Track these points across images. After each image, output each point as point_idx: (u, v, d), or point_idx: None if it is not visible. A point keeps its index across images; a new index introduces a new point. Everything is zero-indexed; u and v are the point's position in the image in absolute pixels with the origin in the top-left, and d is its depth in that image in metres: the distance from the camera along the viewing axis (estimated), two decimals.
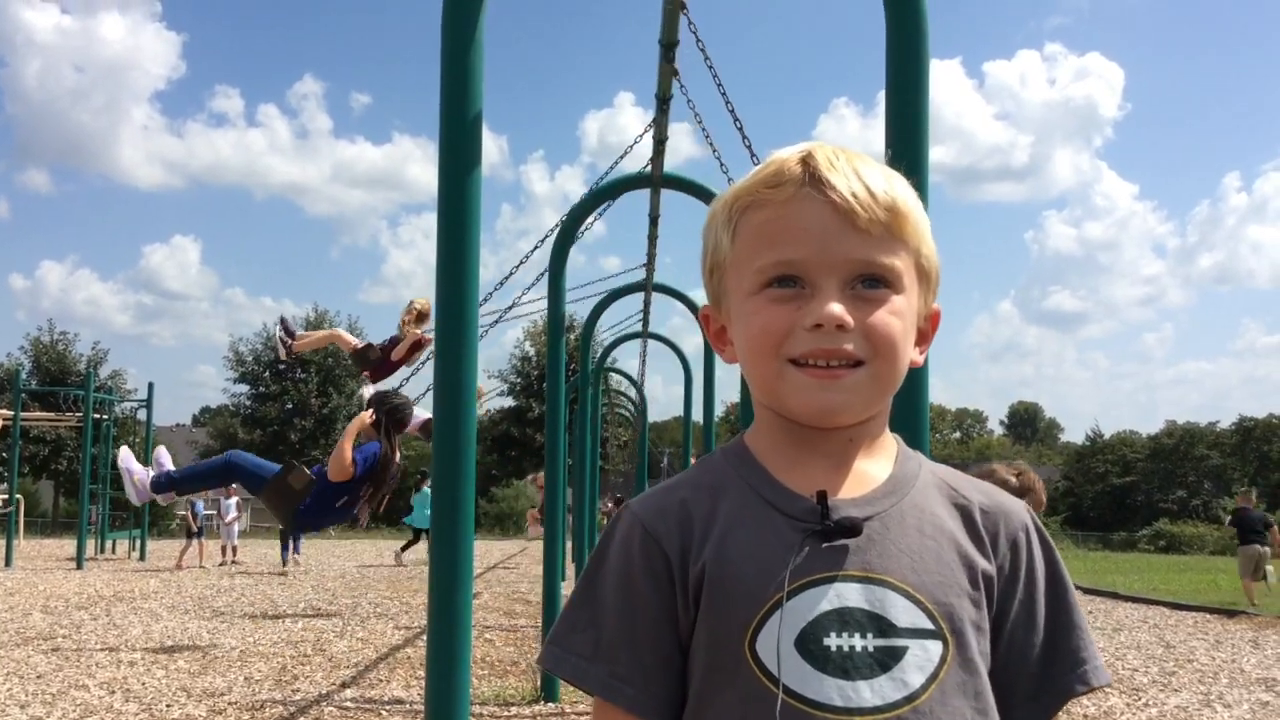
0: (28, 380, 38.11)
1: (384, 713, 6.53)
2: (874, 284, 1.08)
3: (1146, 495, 57.78)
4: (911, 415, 2.60)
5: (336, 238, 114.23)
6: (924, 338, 1.16)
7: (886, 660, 1.03)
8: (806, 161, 1.09)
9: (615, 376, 21.51)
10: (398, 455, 7.82)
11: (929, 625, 1.05)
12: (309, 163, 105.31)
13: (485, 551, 20.66)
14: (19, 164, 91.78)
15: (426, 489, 19.76)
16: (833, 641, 1.03)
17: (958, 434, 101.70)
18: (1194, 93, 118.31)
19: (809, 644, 1.03)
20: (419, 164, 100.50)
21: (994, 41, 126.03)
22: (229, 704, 6.76)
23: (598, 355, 16.24)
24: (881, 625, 1.04)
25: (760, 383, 1.11)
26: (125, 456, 7.91)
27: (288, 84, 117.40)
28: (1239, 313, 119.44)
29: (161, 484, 7.67)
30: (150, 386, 22.74)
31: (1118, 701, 7.15)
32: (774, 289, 1.08)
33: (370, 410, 7.74)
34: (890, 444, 1.16)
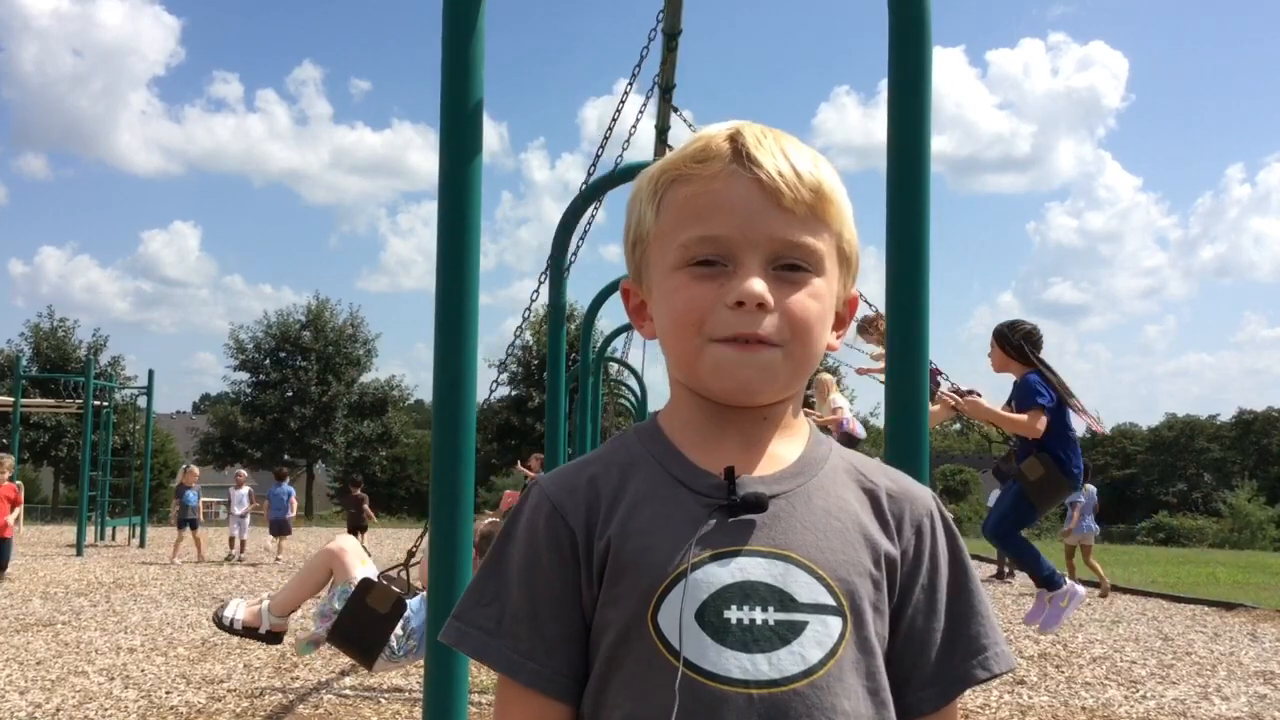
0: (28, 367, 38.13)
1: (383, 701, 6.55)
2: (796, 266, 1.09)
3: (1146, 488, 57.85)
4: (911, 407, 2.59)
5: (335, 225, 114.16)
6: (841, 322, 1.18)
7: (787, 634, 1.04)
8: (734, 139, 1.10)
9: (616, 366, 21.47)
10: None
11: (830, 601, 1.06)
12: (308, 149, 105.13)
13: None
14: (16, 149, 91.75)
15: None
16: (734, 614, 1.04)
17: (957, 425, 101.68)
18: (1198, 83, 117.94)
19: (710, 616, 1.04)
20: (419, 151, 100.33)
21: (997, 30, 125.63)
22: (228, 691, 6.77)
23: (598, 344, 16.23)
24: (783, 599, 1.05)
25: (679, 359, 1.12)
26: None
27: (287, 69, 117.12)
28: (1241, 305, 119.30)
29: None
30: (150, 374, 22.75)
31: (1116, 694, 7.17)
32: (697, 267, 1.08)
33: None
34: (803, 428, 1.18)
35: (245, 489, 18.84)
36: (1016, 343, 6.14)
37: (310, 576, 5.87)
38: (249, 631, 5.63)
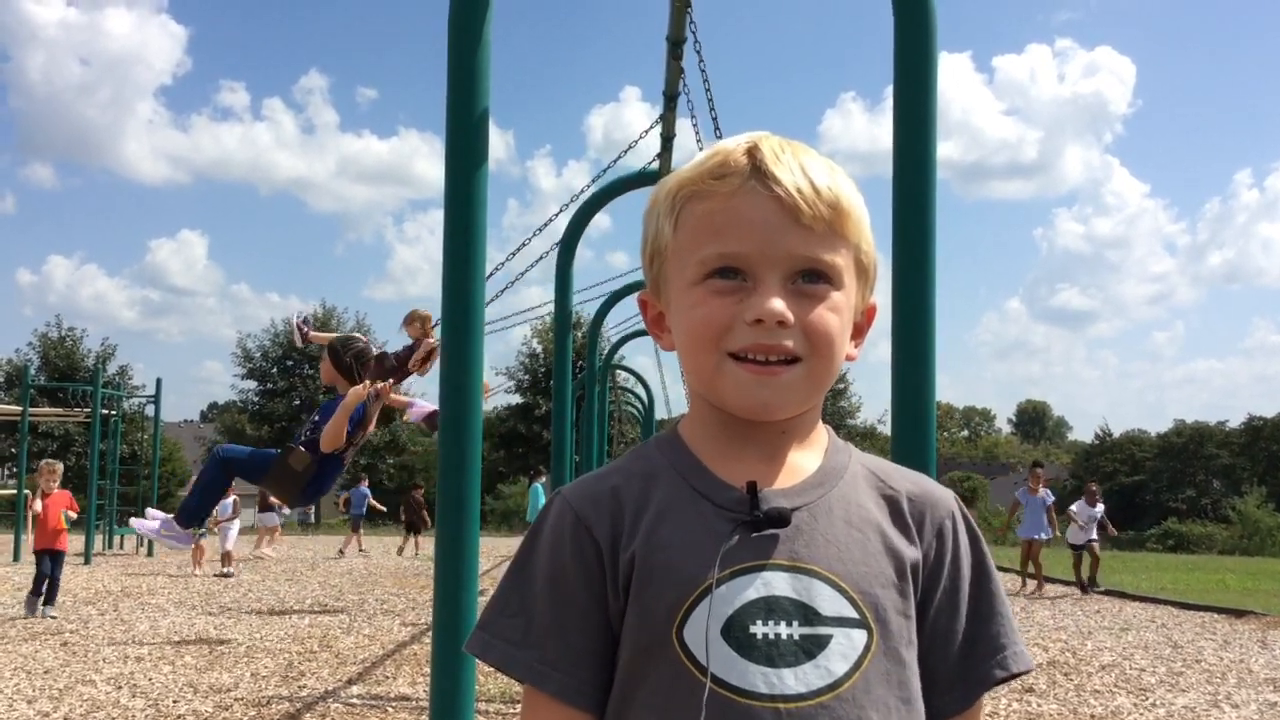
0: (36, 376, 38.24)
1: (390, 709, 6.54)
2: (814, 279, 1.08)
3: (1155, 494, 57.63)
4: (919, 413, 2.59)
5: (342, 234, 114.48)
6: (859, 332, 1.17)
7: (811, 648, 1.04)
8: (752, 154, 1.09)
9: (622, 373, 21.46)
10: (369, 390, 7.90)
11: (854, 614, 1.06)
12: (315, 158, 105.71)
13: (491, 548, 20.77)
14: (23, 158, 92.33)
15: (539, 485, 19.50)
16: (759, 629, 1.04)
17: (965, 432, 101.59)
18: (1206, 88, 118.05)
19: (735, 631, 1.04)
20: (426, 159, 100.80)
21: (1003, 35, 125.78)
22: (235, 700, 6.77)
23: (605, 352, 16.23)
24: (807, 613, 1.05)
25: (698, 374, 1.12)
26: (139, 524, 7.70)
27: (293, 78, 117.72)
28: (1249, 311, 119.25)
29: (182, 518, 7.43)
30: (158, 382, 22.79)
31: (1125, 701, 7.13)
32: (716, 280, 1.08)
33: (366, 384, 7.77)
34: (822, 436, 1.18)
35: (232, 498, 17.54)
36: (348, 362, 7.76)
37: None
38: None
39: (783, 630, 1.04)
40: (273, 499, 20.54)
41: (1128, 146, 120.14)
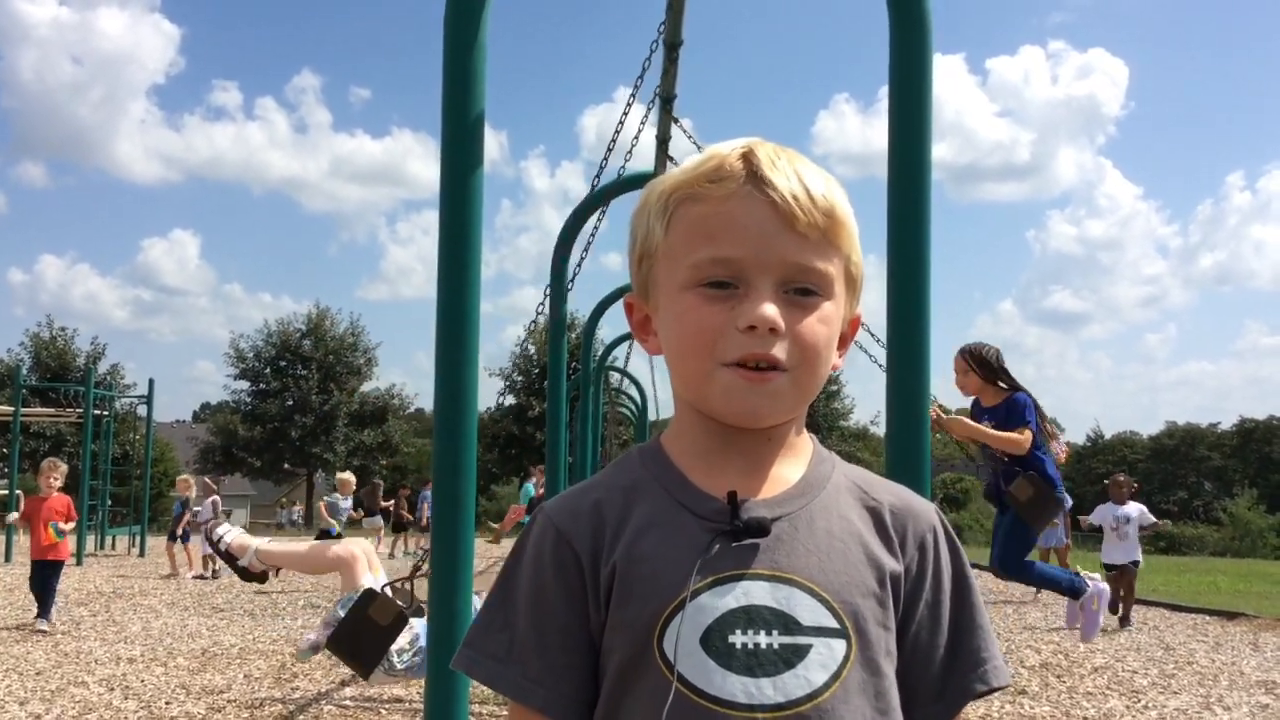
0: (28, 376, 38.12)
1: (383, 711, 6.53)
2: (807, 290, 1.09)
3: (1147, 496, 57.71)
4: (913, 415, 2.59)
5: (335, 234, 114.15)
6: (844, 342, 1.18)
7: (791, 658, 1.04)
8: (748, 158, 1.10)
9: (616, 375, 21.45)
10: None
11: (833, 624, 1.07)
12: (308, 158, 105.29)
13: (486, 549, 20.76)
14: (15, 157, 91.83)
15: (530, 484, 19.62)
16: (738, 639, 1.04)
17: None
18: (1198, 90, 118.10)
19: (715, 641, 1.04)
20: (419, 159, 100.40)
21: (997, 37, 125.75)
22: (228, 702, 6.76)
23: (599, 354, 16.22)
24: (787, 623, 1.05)
25: (687, 381, 1.12)
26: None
27: (286, 78, 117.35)
28: (1241, 313, 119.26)
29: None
30: (150, 382, 22.74)
31: (1117, 704, 7.15)
32: (708, 288, 1.08)
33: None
34: (806, 446, 1.18)
35: (212, 499, 16.96)
36: (999, 366, 6.49)
37: (308, 560, 6.47)
38: (230, 557, 6.22)
39: (762, 640, 1.04)
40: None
41: (1120, 149, 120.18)
